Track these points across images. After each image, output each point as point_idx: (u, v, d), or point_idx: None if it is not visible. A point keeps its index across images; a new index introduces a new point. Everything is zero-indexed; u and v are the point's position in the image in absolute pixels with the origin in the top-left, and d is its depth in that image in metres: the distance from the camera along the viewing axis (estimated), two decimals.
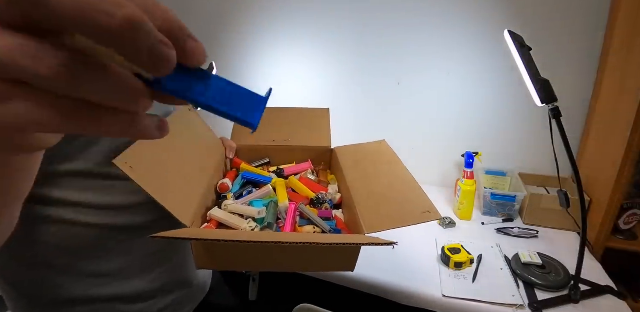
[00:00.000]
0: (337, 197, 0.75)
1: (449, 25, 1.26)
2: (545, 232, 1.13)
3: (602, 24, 1.11)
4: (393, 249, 0.48)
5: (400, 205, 0.60)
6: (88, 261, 0.53)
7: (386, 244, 0.46)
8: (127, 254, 0.56)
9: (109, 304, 0.56)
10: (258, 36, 1.52)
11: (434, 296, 0.86)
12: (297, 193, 0.74)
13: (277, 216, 0.66)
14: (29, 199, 0.31)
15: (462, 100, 1.33)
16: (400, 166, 0.70)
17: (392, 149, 0.77)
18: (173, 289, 0.64)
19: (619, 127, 1.00)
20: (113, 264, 0.55)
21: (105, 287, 0.55)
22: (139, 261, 0.58)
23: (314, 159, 0.86)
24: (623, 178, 0.99)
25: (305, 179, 0.78)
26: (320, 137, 0.87)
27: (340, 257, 0.57)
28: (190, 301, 0.69)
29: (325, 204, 0.70)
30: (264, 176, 0.77)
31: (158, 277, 0.61)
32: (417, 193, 0.60)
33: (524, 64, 0.80)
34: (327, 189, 0.76)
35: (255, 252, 0.54)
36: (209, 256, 0.53)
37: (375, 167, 0.74)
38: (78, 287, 0.54)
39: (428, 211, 0.55)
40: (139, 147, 0.49)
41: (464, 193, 1.18)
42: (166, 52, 0.15)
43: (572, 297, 0.83)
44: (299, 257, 0.57)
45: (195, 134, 0.72)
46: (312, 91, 1.52)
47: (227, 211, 0.64)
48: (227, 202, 0.65)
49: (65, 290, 0.53)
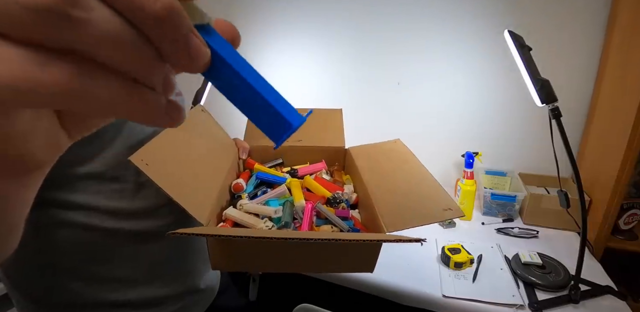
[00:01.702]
0: (353, 197, 0.74)
1: (449, 25, 1.26)
2: (545, 232, 1.13)
3: (602, 24, 1.11)
4: (422, 245, 0.48)
5: (420, 203, 0.59)
6: (99, 265, 0.53)
7: (413, 241, 0.45)
8: (137, 259, 0.56)
9: (117, 309, 0.55)
10: (258, 35, 1.52)
11: (434, 296, 0.86)
12: (313, 193, 0.73)
13: (293, 215, 0.65)
14: (41, 202, 0.30)
15: (462, 100, 1.33)
16: (416, 163, 0.69)
17: (407, 148, 0.76)
18: (182, 295, 0.63)
19: (619, 127, 1.00)
20: (123, 269, 0.55)
21: (114, 293, 0.55)
22: (149, 266, 0.57)
23: (327, 159, 0.86)
24: (623, 178, 0.99)
25: (320, 178, 0.77)
26: (334, 137, 0.87)
27: (360, 257, 0.55)
28: (198, 306, 0.69)
29: (342, 204, 0.69)
30: (278, 176, 0.76)
31: (167, 283, 0.60)
32: (436, 190, 0.59)
33: (524, 64, 0.80)
34: (342, 188, 0.75)
35: (272, 252, 0.53)
36: (225, 256, 0.52)
37: (391, 165, 0.73)
38: (87, 292, 0.53)
39: (450, 208, 0.54)
40: (154, 145, 0.48)
41: (464, 193, 1.18)
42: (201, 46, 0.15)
43: (572, 297, 0.83)
44: (317, 257, 0.55)
45: (209, 134, 0.72)
46: (311, 92, 1.52)
47: (243, 210, 0.63)
48: (242, 201, 0.64)
49: (74, 295, 0.53)
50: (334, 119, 0.89)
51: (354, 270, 0.58)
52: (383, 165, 0.74)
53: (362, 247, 0.53)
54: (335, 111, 0.91)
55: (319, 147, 0.85)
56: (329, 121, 0.89)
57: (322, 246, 0.51)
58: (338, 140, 0.86)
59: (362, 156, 0.80)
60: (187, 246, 0.64)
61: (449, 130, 1.38)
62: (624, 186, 1.00)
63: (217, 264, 0.52)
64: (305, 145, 0.85)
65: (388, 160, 0.75)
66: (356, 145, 0.85)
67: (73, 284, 0.53)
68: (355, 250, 0.53)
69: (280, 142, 0.19)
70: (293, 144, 0.84)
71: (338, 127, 0.88)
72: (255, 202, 0.67)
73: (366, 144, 0.84)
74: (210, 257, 0.51)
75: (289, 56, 1.51)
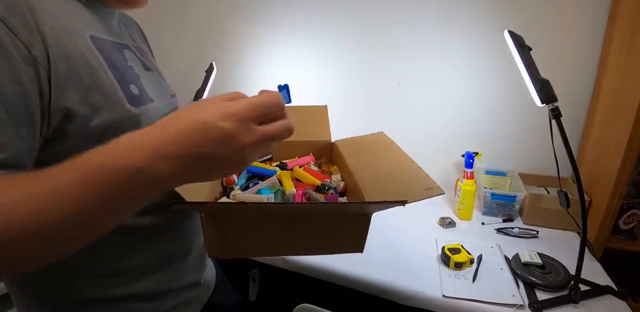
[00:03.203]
0: (341, 184, 0.78)
1: (449, 25, 1.26)
2: (545, 232, 1.13)
3: (602, 24, 1.11)
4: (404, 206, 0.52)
5: (404, 185, 0.63)
6: (106, 261, 0.53)
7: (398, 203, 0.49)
8: (144, 252, 0.56)
9: (119, 303, 0.55)
10: (257, 35, 1.52)
11: (434, 296, 0.86)
12: (303, 182, 0.77)
13: (285, 202, 0.68)
14: None
15: (462, 100, 1.33)
16: (399, 151, 0.73)
17: (389, 138, 0.80)
18: (183, 289, 0.64)
19: (619, 127, 1.00)
20: (129, 264, 0.55)
21: (120, 287, 0.55)
22: (155, 260, 0.58)
23: (315, 153, 0.89)
24: (623, 178, 0.99)
25: (309, 169, 0.81)
26: (321, 132, 0.90)
27: (351, 234, 0.59)
28: (197, 300, 0.69)
29: (331, 190, 0.73)
30: (268, 169, 0.79)
31: (170, 277, 0.61)
32: (418, 173, 0.64)
33: (524, 64, 0.80)
34: (331, 177, 0.79)
35: (267, 234, 0.56)
36: (221, 239, 0.54)
37: (375, 154, 0.78)
38: (91, 287, 0.53)
39: (430, 188, 0.58)
40: None
41: (464, 193, 1.18)
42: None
43: (572, 297, 0.83)
44: (310, 239, 0.58)
45: None
46: (312, 92, 1.52)
47: (236, 200, 0.65)
48: (234, 192, 0.67)
49: (78, 290, 0.53)
50: (320, 114, 0.93)
51: (345, 251, 0.61)
52: (367, 154, 0.79)
53: (353, 223, 0.57)
54: (321, 108, 0.93)
55: (307, 141, 0.89)
56: (315, 117, 0.93)
57: (315, 226, 0.56)
58: (325, 134, 0.90)
59: (347, 147, 0.85)
60: (191, 240, 0.64)
61: (449, 130, 1.38)
62: (624, 185, 1.00)
63: (213, 249, 0.55)
64: (293, 140, 0.87)
65: (372, 149, 0.80)
66: (341, 139, 0.89)
67: (77, 280, 0.52)
68: (347, 226, 0.58)
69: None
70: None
71: (324, 122, 0.92)
72: (248, 192, 0.70)
73: (351, 137, 0.88)
74: (205, 244, 0.52)
75: (291, 56, 1.51)
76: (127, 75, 0.49)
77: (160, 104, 0.55)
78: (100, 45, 0.46)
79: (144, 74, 0.54)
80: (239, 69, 1.59)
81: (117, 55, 0.50)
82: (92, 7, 0.49)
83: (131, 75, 0.51)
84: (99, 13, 0.50)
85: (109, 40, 0.50)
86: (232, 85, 1.61)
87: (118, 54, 0.50)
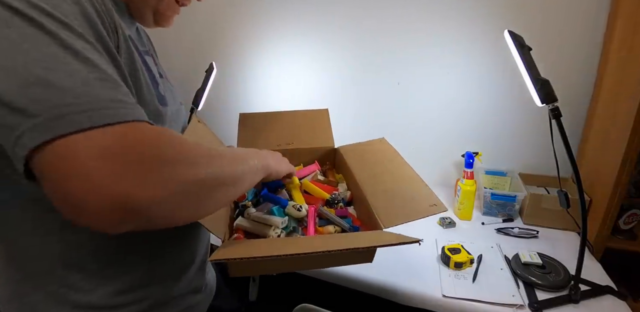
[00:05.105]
0: (347, 194, 0.80)
1: (449, 25, 1.26)
2: (545, 232, 1.13)
3: (602, 24, 1.11)
4: (419, 245, 0.55)
5: (409, 200, 0.66)
6: (116, 266, 0.52)
7: (413, 242, 0.53)
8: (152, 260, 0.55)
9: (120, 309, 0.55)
10: (258, 35, 1.52)
11: (434, 296, 0.86)
12: (312, 195, 0.78)
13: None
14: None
15: (462, 100, 1.33)
16: (402, 163, 0.76)
17: (392, 146, 0.82)
18: (188, 295, 0.63)
19: (619, 127, 1.00)
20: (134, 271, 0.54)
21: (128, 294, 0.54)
22: (161, 266, 0.57)
23: (319, 159, 0.89)
24: (623, 178, 0.99)
25: (316, 182, 0.82)
26: (323, 138, 0.90)
27: (363, 254, 0.62)
28: (200, 306, 0.69)
29: (340, 203, 0.77)
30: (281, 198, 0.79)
31: (177, 283, 0.60)
32: (422, 189, 0.67)
33: (524, 64, 0.80)
34: (337, 188, 0.81)
35: (285, 262, 0.59)
36: (245, 266, 0.57)
37: (378, 164, 0.80)
38: (94, 292, 0.52)
39: (435, 204, 0.62)
40: None
41: (464, 193, 1.18)
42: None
43: (572, 297, 0.83)
44: (325, 258, 0.61)
45: (209, 144, 0.74)
46: (312, 92, 1.52)
47: (250, 218, 0.68)
48: (249, 210, 0.70)
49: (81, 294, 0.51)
50: (321, 119, 0.93)
51: (355, 263, 0.65)
52: (371, 164, 0.82)
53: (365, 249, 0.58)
54: (322, 111, 0.93)
55: (310, 148, 0.90)
56: (316, 122, 0.93)
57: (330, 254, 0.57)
58: (327, 140, 0.91)
59: (351, 155, 0.86)
60: (198, 246, 0.64)
61: (449, 130, 1.38)
62: (624, 185, 1.00)
63: (236, 272, 0.57)
64: (297, 147, 0.89)
65: (376, 159, 0.82)
66: (345, 145, 0.89)
67: (82, 282, 0.51)
68: (359, 250, 0.58)
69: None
70: (284, 147, 0.87)
71: (326, 127, 0.92)
72: (259, 209, 0.71)
73: (353, 143, 0.88)
74: (229, 269, 0.55)
75: (290, 58, 1.51)
76: (154, 77, 0.52)
77: (173, 108, 0.57)
78: (135, 45, 0.48)
79: (159, 80, 0.57)
80: (239, 69, 1.59)
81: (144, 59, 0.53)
82: (122, 15, 0.52)
83: (156, 79, 0.54)
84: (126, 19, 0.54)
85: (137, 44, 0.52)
86: (232, 85, 1.61)
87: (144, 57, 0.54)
